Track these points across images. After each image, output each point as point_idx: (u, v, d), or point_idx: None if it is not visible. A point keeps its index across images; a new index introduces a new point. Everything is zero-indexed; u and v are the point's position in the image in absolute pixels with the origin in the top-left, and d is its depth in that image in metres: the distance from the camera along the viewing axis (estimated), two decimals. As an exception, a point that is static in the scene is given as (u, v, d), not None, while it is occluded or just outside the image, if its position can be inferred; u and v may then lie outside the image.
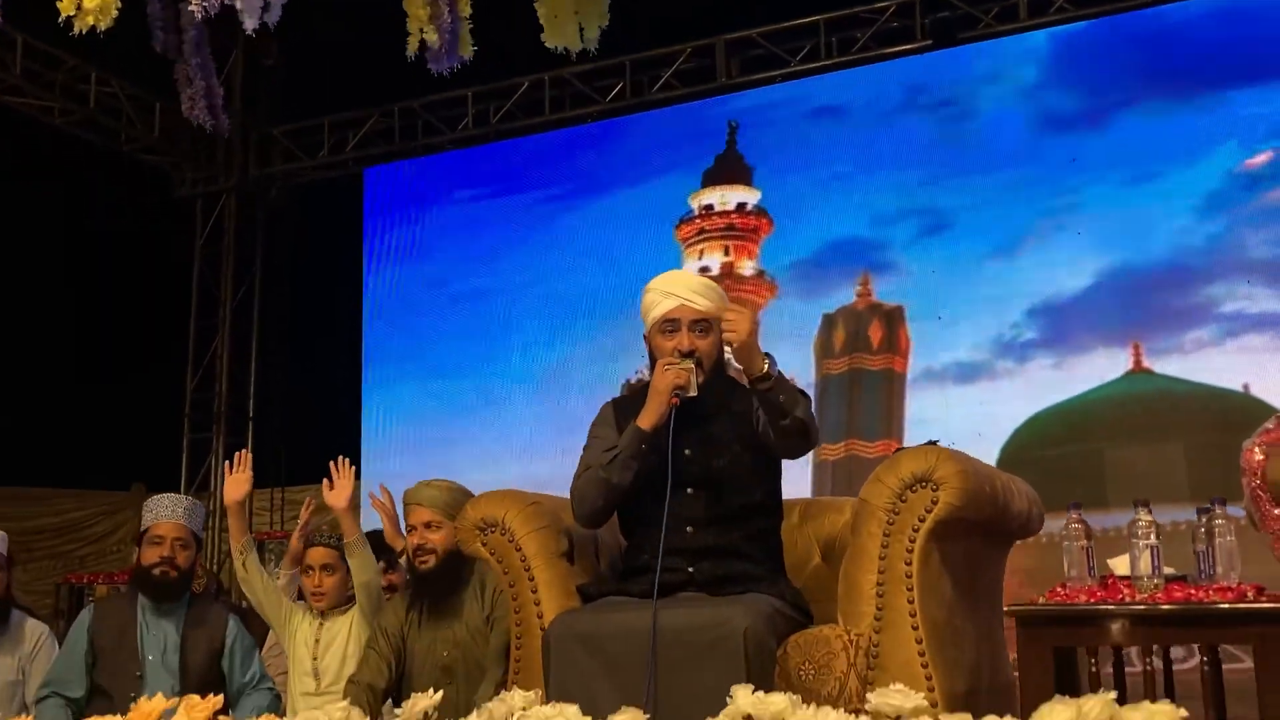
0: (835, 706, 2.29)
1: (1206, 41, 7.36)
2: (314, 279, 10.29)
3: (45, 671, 4.33)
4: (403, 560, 4.36)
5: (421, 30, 5.01)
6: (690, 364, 3.14)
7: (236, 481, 4.53)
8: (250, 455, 4.64)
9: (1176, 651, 3.41)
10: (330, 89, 10.20)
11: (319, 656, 4.35)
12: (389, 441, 9.41)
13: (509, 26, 5.75)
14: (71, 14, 4.38)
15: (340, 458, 4.50)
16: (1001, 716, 2.07)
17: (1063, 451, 7.04)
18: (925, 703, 1.95)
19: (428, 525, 4.03)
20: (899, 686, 2.02)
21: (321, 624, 4.44)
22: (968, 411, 7.36)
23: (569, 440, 7.13)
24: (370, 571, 4.33)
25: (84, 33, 4.38)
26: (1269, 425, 2.92)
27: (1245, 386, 6.79)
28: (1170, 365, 7.12)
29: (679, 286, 3.25)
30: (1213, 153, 7.16)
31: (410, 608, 4.11)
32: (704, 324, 3.20)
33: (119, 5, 4.39)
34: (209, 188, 10.58)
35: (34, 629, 4.72)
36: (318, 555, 4.44)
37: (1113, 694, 1.88)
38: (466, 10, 4.90)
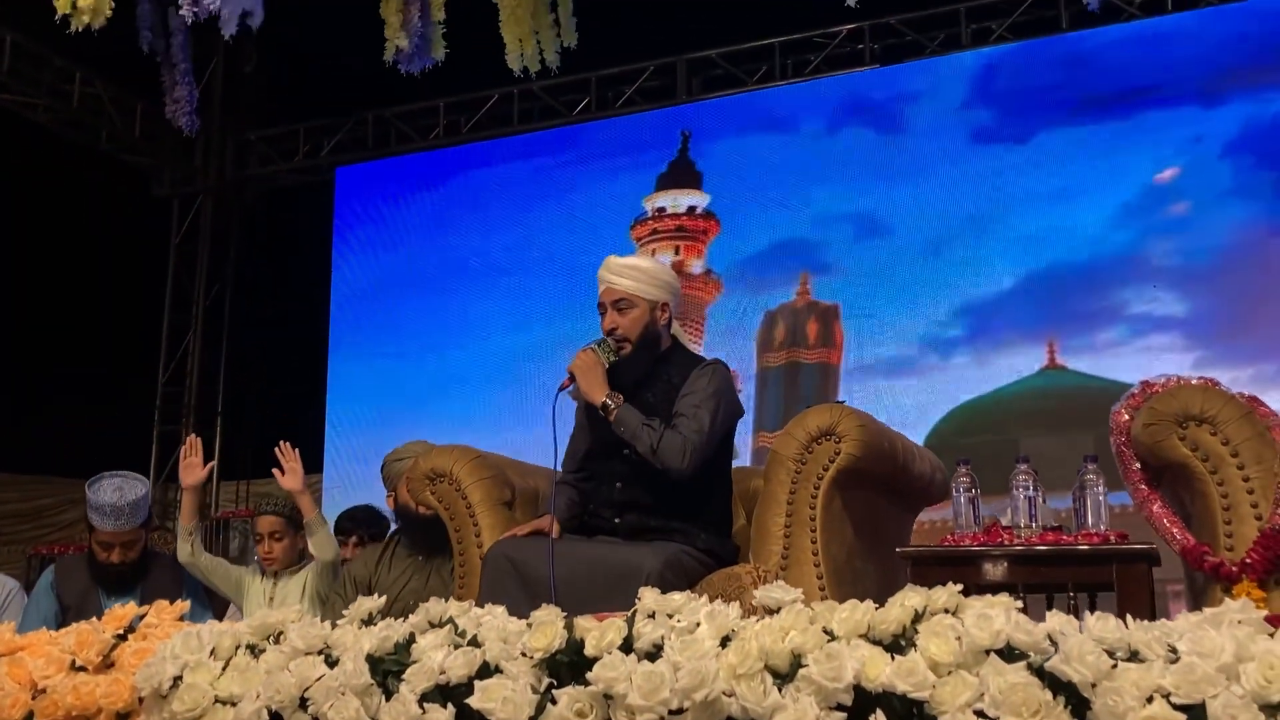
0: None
1: (1122, 65, 7.86)
2: (285, 279, 10.57)
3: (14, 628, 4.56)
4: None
5: (396, 37, 5.26)
6: (591, 348, 3.52)
7: (190, 466, 4.79)
8: (199, 440, 4.89)
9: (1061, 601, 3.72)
10: (306, 96, 10.53)
11: None
12: (353, 437, 9.71)
13: (480, 40, 6.05)
14: (68, 12, 4.58)
15: (283, 443, 4.75)
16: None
17: (980, 440, 7.40)
18: (802, 597, 2.24)
19: None
20: (781, 583, 2.32)
21: (275, 583, 4.69)
22: (896, 402, 7.76)
23: (526, 432, 7.61)
24: (330, 551, 4.58)
25: (79, 30, 4.58)
26: (1134, 390, 3.27)
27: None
28: (1082, 362, 7.54)
29: (605, 270, 3.60)
30: (1126, 168, 7.62)
31: (384, 551, 4.38)
32: (624, 302, 3.54)
33: (112, 4, 4.59)
34: (186, 188, 10.90)
35: (4, 584, 4.95)
36: (266, 524, 4.70)
37: (959, 587, 2.18)
38: (439, 15, 5.16)
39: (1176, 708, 1.81)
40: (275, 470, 4.72)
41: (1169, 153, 7.65)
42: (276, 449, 4.75)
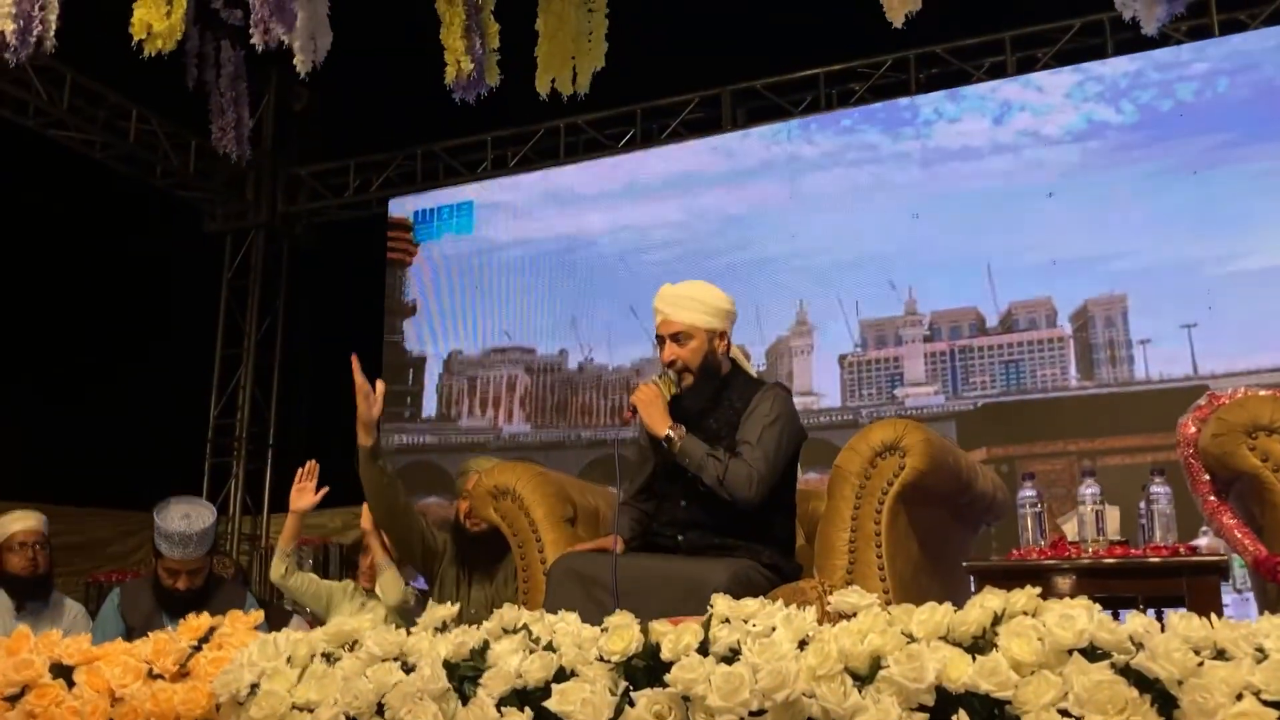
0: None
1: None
2: (336, 312, 10.67)
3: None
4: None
5: (458, 61, 5.31)
6: (654, 381, 3.57)
7: (303, 491, 4.84)
8: (316, 466, 4.90)
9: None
10: (356, 132, 10.66)
11: None
12: (404, 472, 9.78)
13: (526, 74, 6.11)
14: (142, 38, 4.67)
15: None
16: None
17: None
18: (878, 601, 2.24)
19: None
20: (856, 588, 2.33)
21: (364, 604, 4.72)
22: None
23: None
24: (395, 594, 4.58)
25: (152, 56, 4.66)
26: (1200, 402, 3.26)
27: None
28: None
29: (662, 301, 3.64)
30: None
31: (453, 563, 4.41)
32: (684, 334, 3.58)
33: (183, 29, 4.69)
34: (238, 223, 11.06)
35: (71, 607, 5.04)
36: (369, 538, 4.74)
37: (1038, 589, 2.18)
38: (494, 43, 5.22)
39: (1267, 704, 1.79)
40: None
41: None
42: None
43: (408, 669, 2.34)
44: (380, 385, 4.22)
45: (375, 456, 4.21)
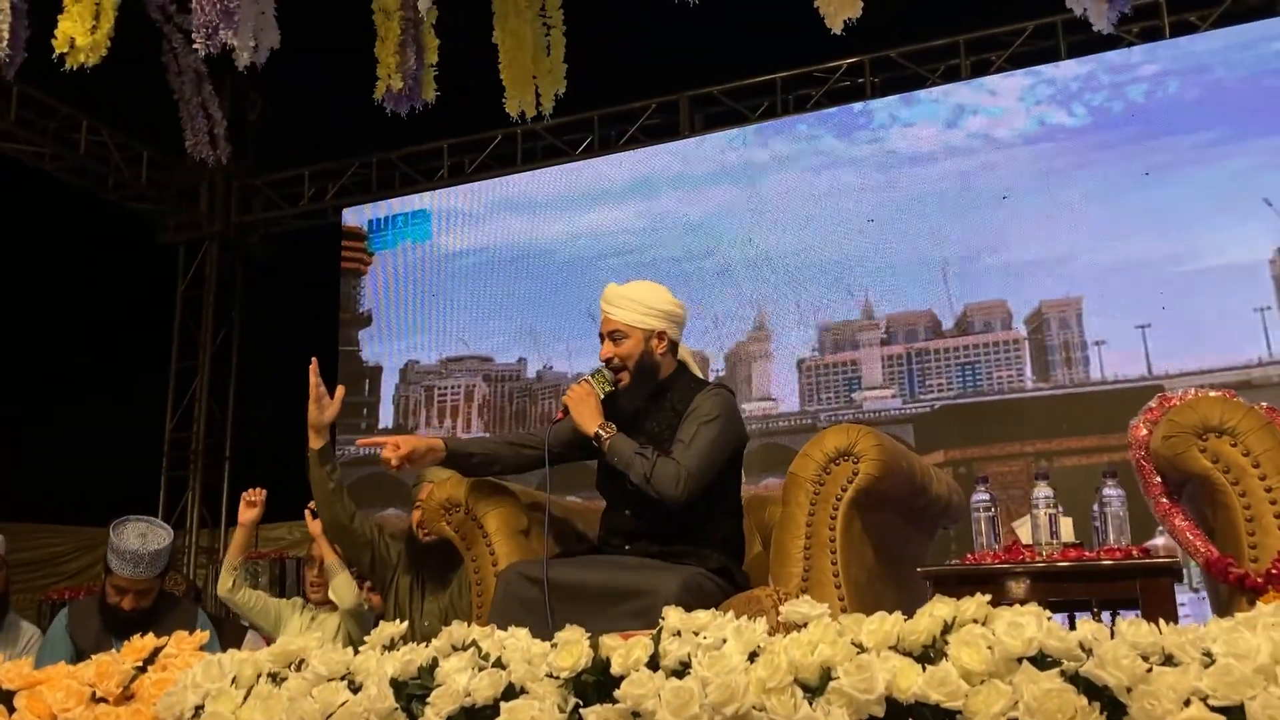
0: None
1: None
2: (292, 323, 10.58)
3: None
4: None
5: (389, 76, 5.28)
6: (586, 380, 3.61)
7: (250, 504, 4.90)
8: (264, 491, 4.97)
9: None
10: (309, 141, 10.58)
11: None
12: (361, 483, 9.69)
13: (482, 81, 6.08)
14: (65, 51, 4.60)
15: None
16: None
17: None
18: (829, 611, 2.22)
19: None
20: (807, 598, 2.31)
21: (313, 617, 4.67)
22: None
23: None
24: (349, 597, 4.55)
25: (76, 68, 4.59)
26: (1151, 404, 3.26)
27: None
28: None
29: (604, 299, 3.66)
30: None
31: (406, 572, 4.36)
32: (618, 332, 3.60)
33: (109, 44, 4.62)
34: (192, 234, 10.94)
35: (27, 630, 4.95)
36: (319, 548, 4.70)
37: (987, 597, 2.17)
38: (433, 58, 5.18)
39: (1214, 709, 1.79)
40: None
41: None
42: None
43: (355, 688, 2.30)
44: (339, 390, 4.18)
45: (323, 461, 4.16)
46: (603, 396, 3.56)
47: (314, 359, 4.15)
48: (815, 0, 4.13)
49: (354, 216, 10.59)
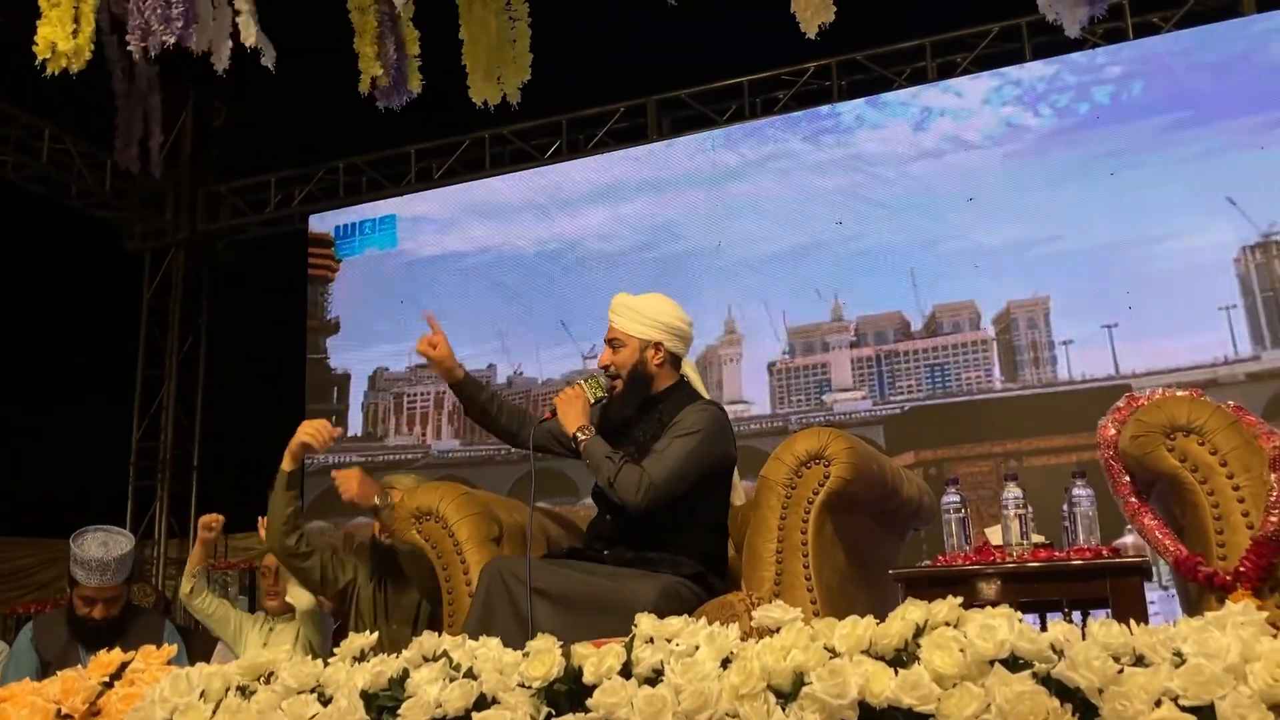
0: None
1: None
2: (259, 331, 10.52)
3: (-4, 685, 4.48)
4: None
5: (371, 68, 5.23)
6: (579, 383, 3.62)
7: (206, 525, 4.90)
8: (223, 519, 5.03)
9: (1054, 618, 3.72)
10: (275, 147, 10.51)
11: None
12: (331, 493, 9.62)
13: (450, 85, 6.05)
14: (47, 57, 4.54)
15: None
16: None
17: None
18: (801, 615, 2.22)
19: None
20: (780, 602, 2.30)
21: (271, 629, 4.65)
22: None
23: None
24: (309, 599, 4.53)
25: (56, 74, 4.53)
26: (1119, 404, 3.27)
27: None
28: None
29: (611, 308, 3.70)
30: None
31: (369, 582, 4.33)
32: (616, 340, 3.65)
33: (91, 50, 4.56)
34: (157, 242, 10.85)
35: (-7, 644, 4.91)
36: (273, 559, 4.67)
37: (959, 599, 2.17)
38: (414, 49, 5.15)
39: (1185, 709, 1.79)
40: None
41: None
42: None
43: (325, 701, 2.28)
44: (335, 431, 4.21)
45: (290, 486, 4.15)
46: (593, 401, 3.59)
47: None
48: (791, 5, 4.14)
49: (320, 223, 10.53)
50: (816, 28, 4.10)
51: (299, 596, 4.54)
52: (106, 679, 2.57)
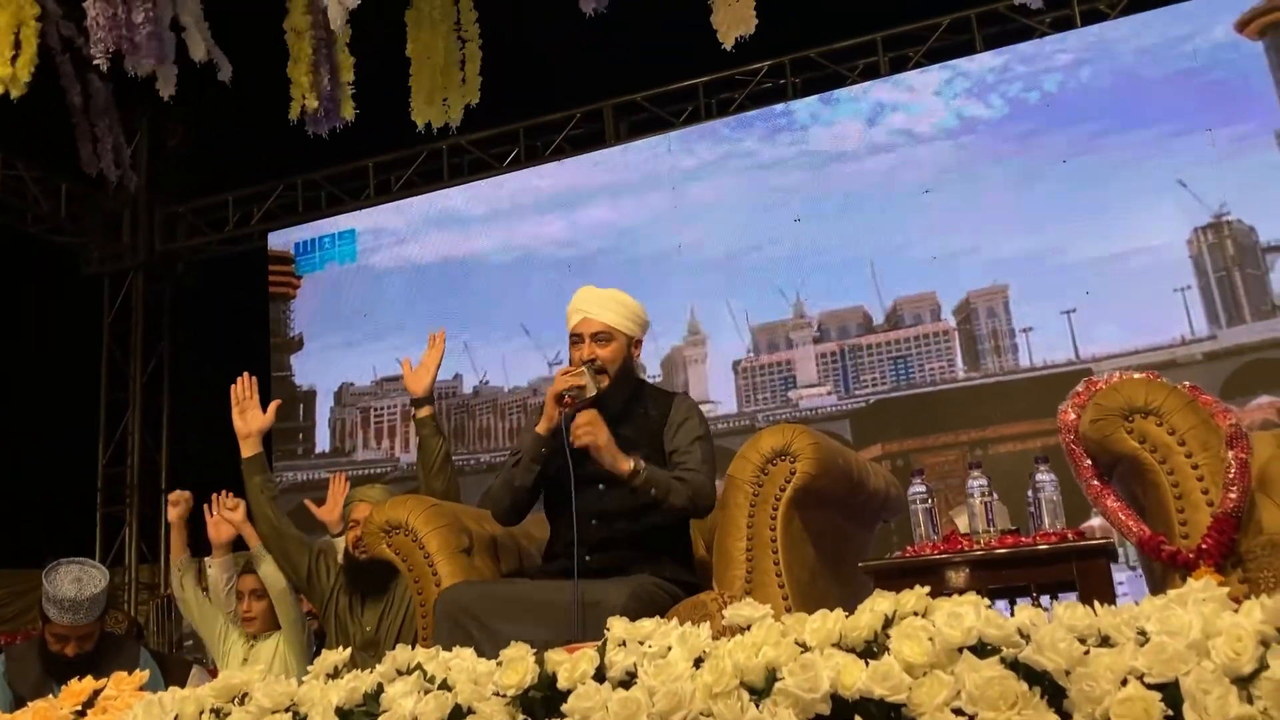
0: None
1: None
2: (222, 351, 10.44)
3: (-33, 716, 4.43)
4: (340, 545, 4.53)
5: (303, 96, 5.24)
6: (582, 369, 3.46)
7: (175, 503, 4.87)
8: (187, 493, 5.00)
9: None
10: (234, 165, 10.46)
11: None
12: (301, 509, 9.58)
13: (406, 97, 6.03)
14: (-14, 83, 4.51)
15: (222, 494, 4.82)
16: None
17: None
18: (771, 612, 2.23)
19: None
20: (750, 600, 2.32)
21: (251, 646, 4.63)
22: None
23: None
24: (282, 580, 4.52)
25: (6, 100, 4.51)
26: (1078, 389, 3.31)
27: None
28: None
29: (584, 301, 3.61)
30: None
31: (344, 592, 4.33)
32: (605, 334, 3.55)
33: (31, 74, 4.54)
34: (116, 265, 10.76)
35: (-33, 677, 4.82)
36: (248, 582, 4.66)
37: (928, 588, 2.19)
38: (348, 76, 5.15)
39: (1151, 687, 1.82)
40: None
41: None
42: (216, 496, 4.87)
43: (300, 719, 2.27)
44: (274, 404, 4.26)
45: (252, 472, 4.21)
46: (595, 394, 3.43)
47: (245, 373, 4.24)
48: (710, 18, 4.16)
49: (280, 239, 10.48)
50: (734, 40, 4.12)
51: (273, 579, 4.52)
52: (79, 708, 2.55)
